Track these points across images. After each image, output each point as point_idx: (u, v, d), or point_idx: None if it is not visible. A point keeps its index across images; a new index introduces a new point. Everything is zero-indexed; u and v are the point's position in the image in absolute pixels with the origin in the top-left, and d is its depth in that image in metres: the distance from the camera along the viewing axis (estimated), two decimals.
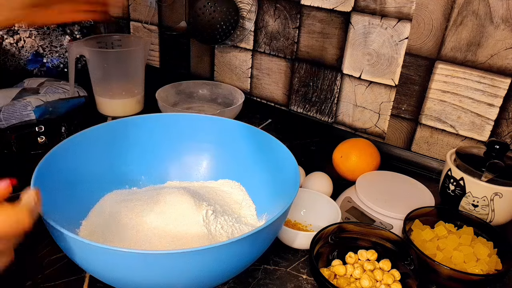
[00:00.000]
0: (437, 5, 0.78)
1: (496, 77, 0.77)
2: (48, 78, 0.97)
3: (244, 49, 1.06)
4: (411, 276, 0.57)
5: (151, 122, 0.70)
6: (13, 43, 1.05)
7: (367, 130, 0.95)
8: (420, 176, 0.82)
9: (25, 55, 1.07)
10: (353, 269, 0.58)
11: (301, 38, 0.96)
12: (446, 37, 0.79)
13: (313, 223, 0.69)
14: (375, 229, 0.62)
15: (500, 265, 0.60)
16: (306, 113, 1.03)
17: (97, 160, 0.65)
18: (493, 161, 0.67)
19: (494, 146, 0.68)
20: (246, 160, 0.69)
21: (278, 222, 0.52)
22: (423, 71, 0.83)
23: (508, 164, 0.68)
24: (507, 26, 0.73)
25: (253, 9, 1.01)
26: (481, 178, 0.66)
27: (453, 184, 0.70)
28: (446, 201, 0.72)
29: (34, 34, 1.06)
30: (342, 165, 0.80)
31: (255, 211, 0.66)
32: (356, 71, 0.92)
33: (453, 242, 0.61)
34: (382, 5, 0.83)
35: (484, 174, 0.66)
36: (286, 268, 0.61)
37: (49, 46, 1.08)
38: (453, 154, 0.72)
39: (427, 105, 0.85)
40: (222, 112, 0.92)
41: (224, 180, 0.71)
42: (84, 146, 0.63)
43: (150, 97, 0.98)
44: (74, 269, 0.56)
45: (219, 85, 1.07)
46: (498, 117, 0.79)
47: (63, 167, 0.59)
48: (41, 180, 0.53)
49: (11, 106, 0.82)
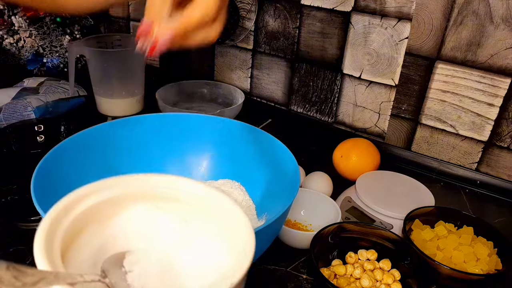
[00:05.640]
0: (437, 5, 0.78)
1: (496, 77, 0.77)
2: (48, 78, 0.97)
3: (244, 49, 1.06)
4: (411, 276, 0.57)
5: (151, 122, 0.70)
6: (13, 43, 1.05)
7: (367, 130, 0.95)
8: (420, 176, 0.82)
9: (25, 55, 1.06)
10: (353, 269, 0.58)
11: (301, 38, 0.96)
12: (446, 37, 0.79)
13: (313, 223, 0.69)
14: (375, 229, 0.62)
15: (500, 265, 0.60)
16: (306, 113, 1.03)
17: (97, 160, 0.65)
18: None
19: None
20: (246, 160, 0.69)
21: (278, 222, 0.52)
22: (423, 71, 0.83)
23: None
24: (507, 26, 0.73)
25: (253, 9, 1.01)
26: None
27: None
28: None
29: (34, 34, 1.06)
30: (342, 165, 0.80)
31: (255, 211, 0.66)
32: (356, 71, 0.92)
33: (453, 242, 0.61)
34: (382, 5, 0.83)
35: None
36: (286, 268, 0.61)
37: (49, 46, 1.08)
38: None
39: (427, 105, 0.85)
40: (222, 112, 0.92)
41: (224, 180, 0.71)
42: (84, 146, 0.63)
43: (150, 97, 0.98)
44: None
45: (219, 85, 1.07)
46: (498, 117, 0.79)
47: (63, 167, 0.59)
48: (41, 180, 0.53)
49: (11, 106, 0.82)
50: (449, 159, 0.87)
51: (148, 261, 0.34)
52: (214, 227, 0.35)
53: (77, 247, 0.32)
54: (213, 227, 0.35)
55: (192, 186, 0.35)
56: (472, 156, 0.84)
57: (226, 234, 0.33)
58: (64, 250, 0.30)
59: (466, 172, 0.84)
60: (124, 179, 0.35)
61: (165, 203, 0.36)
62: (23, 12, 1.02)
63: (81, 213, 0.32)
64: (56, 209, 0.30)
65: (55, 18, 1.07)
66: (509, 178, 0.82)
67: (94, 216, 0.33)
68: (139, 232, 0.35)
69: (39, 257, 0.27)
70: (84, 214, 0.32)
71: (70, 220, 0.31)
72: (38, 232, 0.28)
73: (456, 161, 0.86)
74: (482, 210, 0.77)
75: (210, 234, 0.35)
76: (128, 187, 0.35)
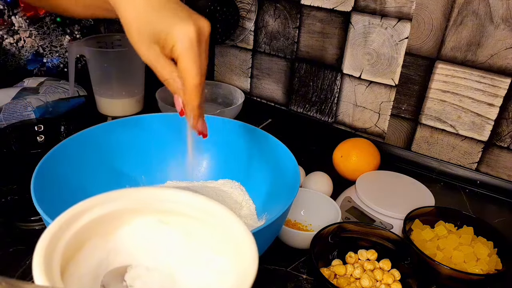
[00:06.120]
0: (437, 5, 0.78)
1: (496, 77, 0.77)
2: (48, 78, 0.97)
3: (244, 49, 1.06)
4: (411, 276, 0.57)
5: (151, 122, 0.70)
6: (13, 43, 1.05)
7: (367, 130, 0.95)
8: (420, 176, 0.82)
9: (25, 55, 1.06)
10: (353, 269, 0.58)
11: (301, 38, 0.96)
12: (446, 36, 0.79)
13: (313, 223, 0.69)
14: (375, 229, 0.62)
15: (500, 264, 0.60)
16: (306, 113, 1.03)
17: (96, 160, 0.65)
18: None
19: None
20: (246, 160, 0.69)
21: (278, 222, 0.52)
22: (423, 71, 0.83)
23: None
24: (507, 26, 0.73)
25: (253, 8, 1.01)
26: None
27: None
28: None
29: (34, 34, 1.06)
30: (342, 165, 0.80)
31: (255, 211, 0.66)
32: (356, 71, 0.92)
33: (453, 242, 0.61)
34: (382, 5, 0.83)
35: None
36: (286, 268, 0.61)
37: (49, 46, 1.08)
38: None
39: (427, 105, 0.85)
40: (222, 112, 0.92)
41: (224, 180, 0.71)
42: (84, 146, 0.63)
43: (150, 97, 0.98)
44: None
45: (219, 85, 1.07)
46: (498, 117, 0.79)
47: (63, 167, 0.59)
48: (41, 180, 0.53)
49: (12, 106, 0.82)
50: (449, 159, 0.87)
51: (150, 276, 0.33)
52: (217, 241, 0.34)
53: (78, 261, 0.32)
54: (216, 241, 0.34)
55: (194, 200, 0.35)
56: (472, 156, 0.84)
57: (230, 249, 0.33)
58: (64, 264, 0.29)
59: (466, 172, 0.84)
60: (125, 192, 0.34)
61: (168, 216, 0.35)
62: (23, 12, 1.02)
63: (82, 227, 0.31)
64: (56, 224, 0.30)
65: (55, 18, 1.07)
66: (509, 178, 0.82)
67: (95, 230, 0.33)
68: (141, 246, 0.35)
69: (37, 272, 0.26)
70: (86, 228, 0.32)
71: (71, 234, 0.30)
72: (38, 247, 0.28)
73: (456, 161, 0.86)
74: (482, 210, 0.77)
75: (214, 248, 0.34)
76: (130, 201, 0.34)
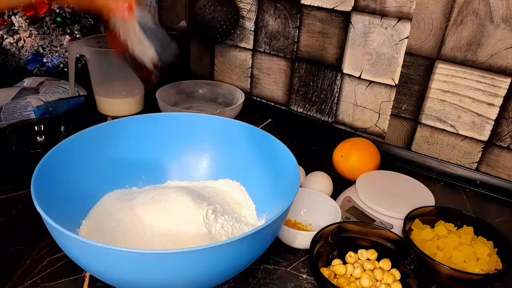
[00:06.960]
0: (437, 5, 0.78)
1: (496, 77, 0.77)
2: (48, 78, 0.97)
3: (244, 48, 1.06)
4: (411, 275, 0.57)
5: (151, 122, 0.70)
6: (13, 42, 1.05)
7: (367, 129, 0.95)
8: (420, 176, 0.82)
9: (25, 54, 1.06)
10: (353, 268, 0.58)
11: (301, 37, 0.96)
12: (446, 36, 0.79)
13: (313, 223, 0.69)
14: (375, 228, 0.62)
15: (500, 264, 0.60)
16: (306, 113, 1.03)
17: (97, 160, 0.65)
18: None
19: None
20: (246, 160, 0.69)
21: (278, 222, 0.52)
22: (423, 71, 0.83)
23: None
24: (507, 25, 0.73)
25: (253, 8, 1.01)
26: None
27: None
28: None
29: (34, 33, 1.06)
30: (342, 164, 0.80)
31: (255, 211, 0.66)
32: (356, 71, 0.92)
33: (453, 242, 0.61)
34: (382, 4, 0.83)
35: None
36: (286, 268, 0.61)
37: (49, 46, 1.08)
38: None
39: (427, 105, 0.85)
40: (222, 112, 0.92)
41: (224, 180, 0.71)
42: (84, 146, 0.63)
43: (150, 97, 0.98)
44: (74, 269, 0.56)
45: (219, 84, 1.07)
46: (498, 116, 0.79)
47: (63, 167, 0.59)
48: (41, 180, 0.53)
49: (12, 106, 0.82)
50: (449, 159, 0.87)
51: None
52: None
53: None
54: None
55: None
56: (472, 156, 0.84)
57: None
58: None
59: (466, 172, 0.84)
60: None
61: None
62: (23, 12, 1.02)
63: None
64: None
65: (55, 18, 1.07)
66: (509, 178, 0.82)
67: None
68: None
69: None
70: None
71: None
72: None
73: (456, 161, 0.86)
74: (482, 210, 0.77)
75: None
76: None
